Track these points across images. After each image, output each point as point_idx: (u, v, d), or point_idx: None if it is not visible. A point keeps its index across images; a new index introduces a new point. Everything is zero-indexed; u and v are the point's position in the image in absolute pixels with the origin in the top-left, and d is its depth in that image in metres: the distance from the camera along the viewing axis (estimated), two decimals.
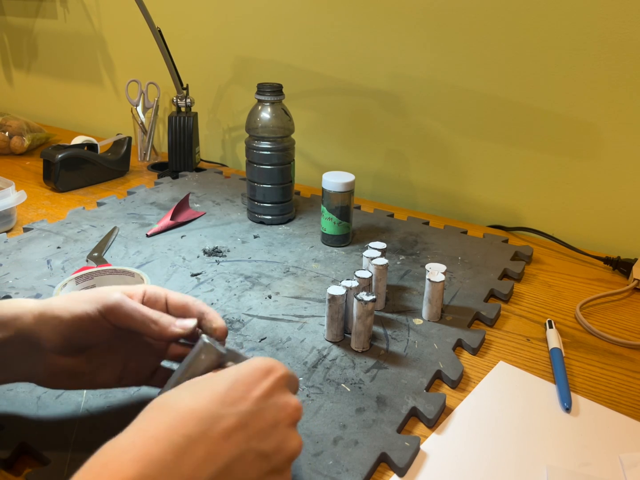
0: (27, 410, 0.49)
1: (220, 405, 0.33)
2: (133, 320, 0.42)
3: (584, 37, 0.82)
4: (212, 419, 0.33)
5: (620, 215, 0.87)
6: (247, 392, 0.35)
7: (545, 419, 0.51)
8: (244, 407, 0.34)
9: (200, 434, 0.32)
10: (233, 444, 0.33)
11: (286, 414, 0.36)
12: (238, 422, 0.33)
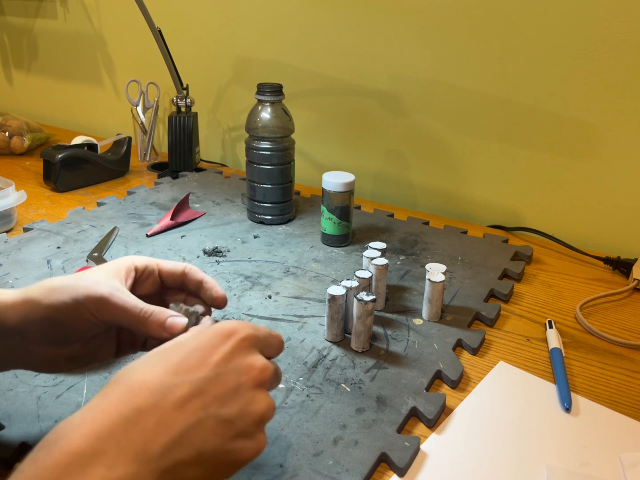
0: (27, 410, 0.49)
1: (174, 374, 0.33)
2: (119, 320, 0.40)
3: (584, 37, 0.82)
4: (163, 389, 0.32)
5: (620, 215, 0.87)
6: (204, 359, 0.34)
7: (545, 419, 0.51)
8: (200, 374, 0.33)
9: (151, 405, 0.31)
10: (188, 412, 0.32)
11: (250, 377, 0.35)
12: (192, 390, 0.32)
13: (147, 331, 0.40)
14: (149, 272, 0.45)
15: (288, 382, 0.54)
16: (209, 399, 0.33)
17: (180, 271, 0.45)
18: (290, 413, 0.50)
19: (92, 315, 0.40)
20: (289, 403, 0.51)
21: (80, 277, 0.41)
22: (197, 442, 0.32)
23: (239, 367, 0.35)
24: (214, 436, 0.33)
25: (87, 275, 0.42)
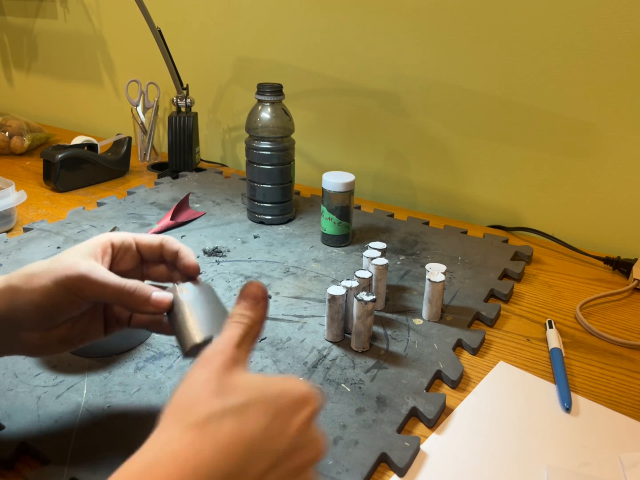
0: (27, 410, 0.49)
1: (262, 440, 0.30)
2: (102, 296, 0.40)
3: (584, 37, 0.82)
4: (252, 455, 0.29)
5: (620, 215, 0.87)
6: (285, 427, 0.31)
7: (545, 419, 0.51)
8: (281, 446, 0.31)
9: (239, 471, 0.29)
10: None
11: (315, 453, 0.33)
12: (273, 462, 0.30)
13: (132, 306, 0.40)
14: (126, 248, 0.45)
15: None
16: (284, 471, 0.31)
17: (158, 244, 0.45)
18: None
19: (74, 295, 0.40)
20: None
21: (58, 259, 0.41)
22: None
23: (310, 441, 0.32)
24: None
25: (63, 256, 0.41)
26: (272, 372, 0.55)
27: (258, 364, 0.56)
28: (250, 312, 0.36)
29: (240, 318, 0.35)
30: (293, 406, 0.32)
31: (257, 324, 0.36)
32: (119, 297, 0.40)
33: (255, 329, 0.36)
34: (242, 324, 0.35)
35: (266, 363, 0.56)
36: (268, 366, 0.56)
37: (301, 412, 0.32)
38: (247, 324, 0.35)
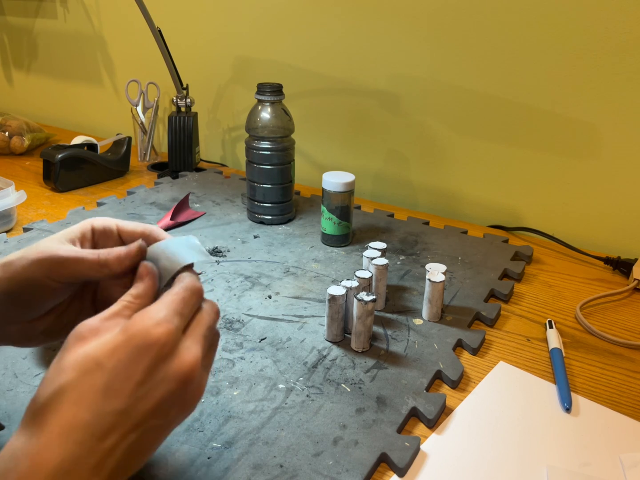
0: None
1: (101, 405, 0.31)
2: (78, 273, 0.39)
3: (584, 37, 0.82)
4: (96, 420, 0.31)
5: (620, 215, 0.87)
6: (125, 381, 0.32)
7: (545, 419, 0.51)
8: (124, 401, 0.32)
9: (88, 438, 0.31)
10: (119, 434, 0.32)
11: (176, 383, 0.33)
12: (121, 417, 0.32)
13: (110, 271, 0.39)
14: (108, 233, 0.43)
15: (288, 382, 0.54)
16: (139, 417, 0.32)
17: (140, 232, 0.43)
18: (290, 413, 0.50)
19: (48, 278, 0.39)
20: (289, 403, 0.51)
21: (34, 246, 0.40)
22: (138, 450, 0.33)
23: (164, 378, 0.33)
24: (156, 438, 0.34)
25: (39, 242, 0.40)
26: (272, 372, 0.55)
27: (258, 364, 0.56)
28: (133, 290, 0.37)
29: (122, 297, 0.37)
30: (129, 358, 0.32)
31: (138, 297, 0.37)
32: (95, 269, 0.39)
33: (136, 302, 0.37)
34: (122, 300, 0.36)
35: (266, 363, 0.56)
36: (268, 366, 0.56)
37: (141, 358, 0.32)
38: (127, 299, 0.36)
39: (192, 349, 0.35)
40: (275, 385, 0.53)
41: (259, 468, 0.44)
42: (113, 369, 0.32)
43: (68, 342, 0.34)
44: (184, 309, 0.36)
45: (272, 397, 0.52)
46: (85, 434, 0.31)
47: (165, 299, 0.36)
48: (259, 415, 0.49)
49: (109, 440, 0.31)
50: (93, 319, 0.35)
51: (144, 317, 0.34)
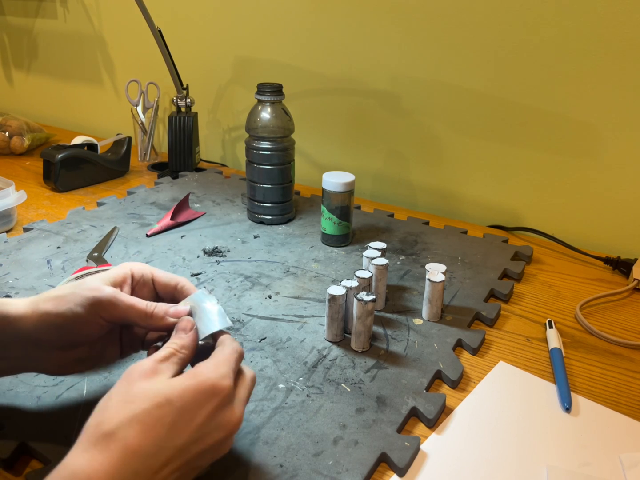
0: (27, 410, 0.49)
1: (164, 440, 0.34)
2: (127, 317, 0.43)
3: (583, 37, 0.82)
4: (156, 453, 0.34)
5: (620, 215, 0.87)
6: (190, 422, 0.35)
7: (545, 419, 0.51)
8: (184, 439, 0.35)
9: (145, 468, 0.33)
10: (172, 469, 0.35)
11: (227, 432, 0.38)
12: (177, 453, 0.35)
13: (153, 323, 0.43)
14: (144, 281, 0.47)
15: (288, 382, 0.54)
16: (189, 456, 0.36)
17: (174, 285, 0.47)
18: (290, 413, 0.50)
19: (99, 317, 0.42)
20: (289, 403, 0.51)
21: (81, 283, 0.43)
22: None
23: (219, 425, 0.37)
24: (188, 475, 0.37)
25: (87, 282, 0.43)
26: (272, 372, 0.55)
27: (258, 364, 0.56)
28: (179, 340, 0.41)
29: (169, 344, 0.40)
30: (196, 402, 0.36)
31: (184, 348, 0.40)
32: (142, 317, 0.43)
33: (182, 352, 0.40)
34: (170, 347, 0.40)
35: (266, 363, 0.56)
36: (268, 366, 0.56)
37: (206, 404, 0.36)
38: (174, 347, 0.40)
39: (240, 406, 0.39)
40: (275, 385, 0.53)
41: (259, 468, 0.44)
42: (181, 407, 0.35)
43: (131, 376, 0.37)
44: (236, 369, 0.40)
45: (272, 397, 0.52)
46: (144, 465, 0.33)
47: (222, 357, 0.40)
48: (259, 415, 0.49)
49: (161, 474, 0.34)
50: (148, 360, 0.38)
51: (210, 368, 0.38)
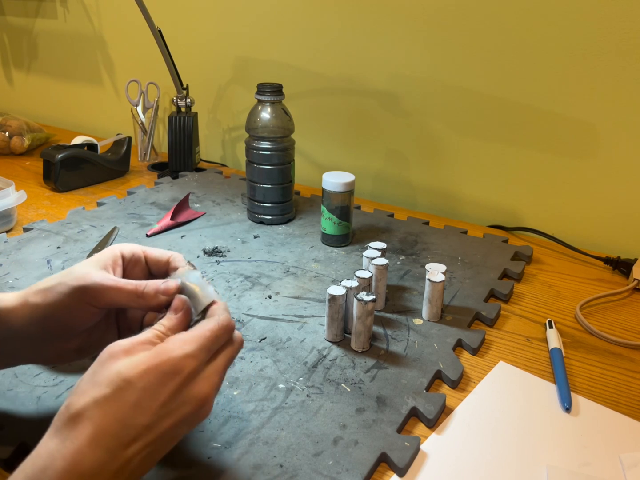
0: (27, 410, 0.49)
1: (129, 419, 0.35)
2: (117, 301, 0.42)
3: (584, 37, 0.82)
4: (122, 431, 0.34)
5: (620, 215, 0.87)
6: (153, 400, 0.36)
7: (545, 419, 0.51)
8: (149, 417, 0.35)
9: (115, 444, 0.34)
10: (140, 445, 0.35)
11: (193, 407, 0.37)
12: (144, 430, 0.35)
13: (145, 303, 0.42)
14: (136, 260, 0.46)
15: (288, 382, 0.54)
16: (159, 432, 0.36)
17: (165, 260, 0.46)
18: (290, 413, 0.50)
19: (89, 305, 0.42)
20: (289, 403, 0.51)
21: (69, 272, 0.43)
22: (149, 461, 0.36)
23: (185, 401, 0.37)
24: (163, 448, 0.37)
25: (76, 269, 0.43)
26: (272, 372, 0.55)
27: (258, 364, 0.56)
28: (167, 322, 0.40)
29: (157, 325, 0.40)
30: (157, 381, 0.36)
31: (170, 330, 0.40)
32: (133, 299, 0.42)
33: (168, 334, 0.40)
34: (156, 330, 0.39)
35: (266, 363, 0.56)
36: (268, 366, 0.56)
37: (167, 384, 0.36)
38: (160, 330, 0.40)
39: (211, 378, 0.39)
40: (275, 385, 0.53)
41: (259, 468, 0.44)
42: (142, 388, 0.35)
43: (102, 357, 0.37)
44: (213, 346, 0.39)
45: (272, 397, 0.52)
46: (114, 442, 0.34)
47: (198, 332, 0.39)
48: (259, 415, 0.49)
49: (131, 450, 0.34)
50: (126, 341, 0.38)
51: (176, 345, 0.37)
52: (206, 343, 0.38)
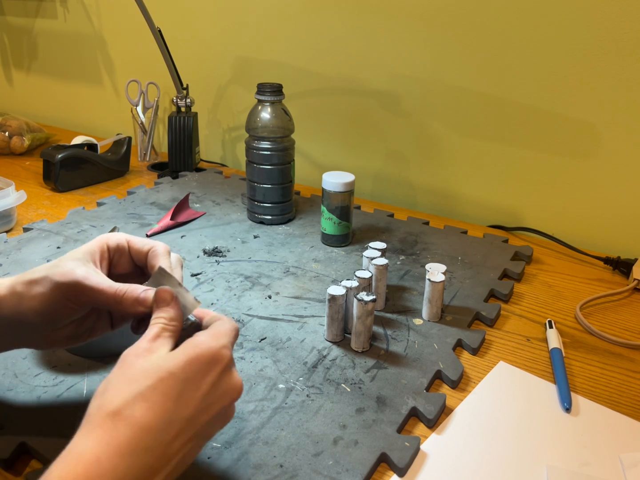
0: (27, 410, 0.49)
1: (173, 413, 0.34)
2: (97, 302, 0.42)
3: (583, 37, 0.82)
4: (166, 428, 0.34)
5: (620, 215, 0.87)
6: (196, 391, 0.35)
7: (545, 419, 0.51)
8: (192, 410, 0.35)
9: (157, 443, 0.33)
10: (182, 442, 0.34)
11: (232, 398, 0.38)
12: (187, 424, 0.35)
13: (123, 309, 0.41)
14: (121, 250, 0.46)
15: (288, 382, 0.54)
16: (199, 427, 0.36)
17: (146, 251, 0.46)
18: (290, 413, 0.50)
19: (69, 301, 0.41)
20: (289, 403, 0.51)
21: (57, 264, 0.42)
22: (187, 458, 0.36)
23: (224, 392, 0.37)
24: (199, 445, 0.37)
25: (62, 261, 0.43)
26: (272, 372, 0.55)
27: (258, 364, 0.56)
28: (165, 313, 0.40)
29: (156, 320, 0.39)
30: (200, 371, 0.36)
31: (172, 320, 0.40)
32: (110, 303, 0.42)
33: (171, 324, 0.39)
34: (159, 324, 0.39)
35: (266, 363, 0.56)
36: (268, 366, 0.56)
37: (209, 373, 0.36)
38: (162, 322, 0.39)
39: (240, 379, 0.39)
40: (275, 385, 0.53)
41: (259, 468, 0.44)
42: (185, 379, 0.35)
43: (126, 361, 0.36)
44: (234, 342, 0.40)
45: (272, 397, 0.52)
46: (156, 441, 0.33)
47: (222, 329, 0.39)
48: (259, 415, 0.49)
49: (173, 447, 0.34)
50: (140, 342, 0.37)
51: (210, 338, 0.38)
52: (232, 339, 0.39)
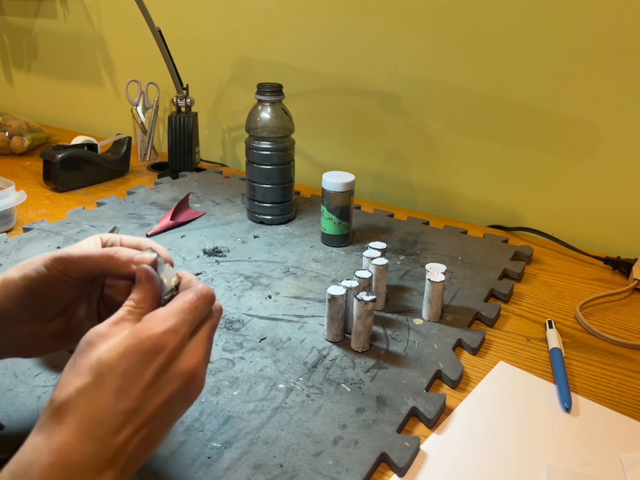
0: (27, 410, 0.49)
1: (115, 405, 0.34)
2: (88, 267, 0.41)
3: (584, 37, 0.82)
4: (111, 418, 0.34)
5: (620, 215, 0.87)
6: (136, 382, 0.34)
7: (545, 419, 0.51)
8: (134, 400, 0.34)
9: (104, 432, 0.33)
10: (131, 430, 0.34)
11: (182, 382, 0.36)
12: (131, 414, 0.34)
13: (116, 270, 0.41)
14: (112, 245, 0.46)
15: (288, 382, 0.54)
16: (148, 414, 0.35)
17: (134, 246, 0.45)
18: (290, 413, 0.50)
19: (62, 274, 0.41)
20: (289, 403, 0.51)
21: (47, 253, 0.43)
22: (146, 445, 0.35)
23: (171, 378, 0.36)
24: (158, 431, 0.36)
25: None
26: (272, 372, 0.55)
27: (258, 364, 0.56)
28: (135, 295, 0.39)
29: (127, 301, 0.38)
30: (139, 362, 0.35)
31: (142, 302, 0.38)
32: (103, 265, 0.41)
33: (139, 306, 0.38)
34: (127, 306, 0.38)
35: (266, 363, 0.56)
36: (268, 366, 0.56)
37: (151, 362, 0.35)
38: (131, 305, 0.38)
39: (197, 350, 0.37)
40: (275, 385, 0.53)
41: (259, 468, 0.44)
42: (124, 372, 0.34)
43: (80, 347, 0.36)
44: (195, 317, 0.38)
45: (272, 397, 0.52)
46: (102, 431, 0.33)
47: (176, 305, 0.37)
48: (259, 415, 0.49)
49: (122, 436, 0.34)
50: (101, 325, 0.37)
51: (153, 323, 0.36)
52: (187, 316, 0.37)
